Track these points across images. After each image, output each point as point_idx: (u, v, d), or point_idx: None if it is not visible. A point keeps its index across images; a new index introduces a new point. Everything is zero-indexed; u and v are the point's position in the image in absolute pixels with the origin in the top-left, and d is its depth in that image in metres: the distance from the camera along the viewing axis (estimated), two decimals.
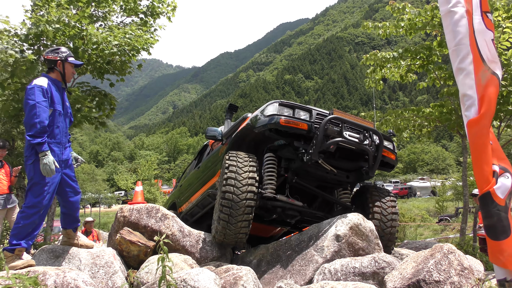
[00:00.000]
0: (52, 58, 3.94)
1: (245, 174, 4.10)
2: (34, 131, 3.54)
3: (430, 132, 9.27)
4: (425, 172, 65.87)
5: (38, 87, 3.67)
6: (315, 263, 3.88)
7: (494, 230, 2.20)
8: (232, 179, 4.06)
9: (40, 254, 3.88)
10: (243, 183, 4.06)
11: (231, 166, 4.13)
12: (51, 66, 3.96)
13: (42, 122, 3.57)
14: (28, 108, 3.59)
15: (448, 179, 33.41)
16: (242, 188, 4.04)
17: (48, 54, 3.97)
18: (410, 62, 8.64)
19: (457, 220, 23.36)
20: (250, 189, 4.07)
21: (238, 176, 4.07)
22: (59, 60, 3.94)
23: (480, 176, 2.26)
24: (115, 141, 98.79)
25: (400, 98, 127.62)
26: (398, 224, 4.68)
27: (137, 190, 8.98)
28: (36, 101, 3.60)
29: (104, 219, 35.31)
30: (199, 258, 4.46)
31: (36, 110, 3.57)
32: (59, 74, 3.96)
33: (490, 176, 2.24)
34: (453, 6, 2.44)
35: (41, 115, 3.58)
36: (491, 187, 2.22)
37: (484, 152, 2.24)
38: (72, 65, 4.03)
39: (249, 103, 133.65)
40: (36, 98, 3.61)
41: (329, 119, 4.10)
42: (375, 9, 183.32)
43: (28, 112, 3.59)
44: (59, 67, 3.95)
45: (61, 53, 3.98)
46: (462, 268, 3.18)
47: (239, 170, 4.10)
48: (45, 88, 3.71)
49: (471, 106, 2.31)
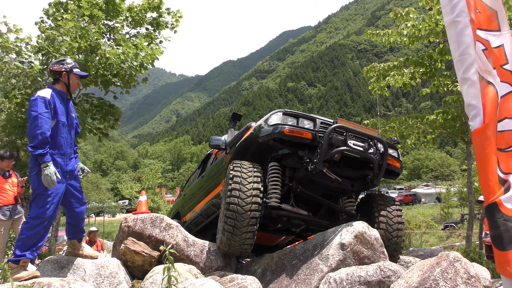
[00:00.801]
0: (57, 69, 3.98)
1: (250, 185, 4.10)
2: (36, 142, 3.56)
3: (434, 138, 9.24)
4: (430, 179, 65.51)
5: (41, 99, 3.69)
6: (320, 272, 3.85)
7: (501, 241, 2.18)
8: (236, 190, 4.06)
9: (45, 265, 3.88)
10: (248, 194, 4.05)
11: (236, 177, 4.13)
12: (56, 77, 3.99)
13: (43, 133, 3.58)
14: (31, 119, 3.62)
15: (453, 186, 33.23)
16: (246, 200, 4.03)
17: (53, 66, 4.01)
18: (413, 70, 8.65)
19: (463, 227, 23.20)
20: (255, 200, 4.06)
21: (242, 187, 4.07)
22: (64, 71, 3.98)
23: (486, 186, 2.24)
24: (119, 150, 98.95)
25: (403, 104, 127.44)
26: (404, 233, 4.65)
27: (141, 199, 8.97)
28: (39, 112, 3.62)
29: (108, 229, 35.30)
30: (203, 268, 4.45)
31: (38, 121, 3.59)
32: (64, 85, 3.99)
33: (496, 186, 2.22)
34: (457, 16, 2.44)
35: (43, 126, 3.59)
36: (497, 197, 2.20)
37: (489, 162, 2.23)
38: (77, 76, 4.07)
39: (252, 111, 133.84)
40: (39, 109, 3.63)
41: (333, 128, 4.10)
42: (378, 17, 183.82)
43: (31, 123, 3.61)
44: (64, 78, 3.98)
45: (66, 64, 4.01)
46: (469, 276, 3.16)
47: (243, 181, 4.09)
48: (48, 99, 3.73)
49: (476, 116, 2.30)
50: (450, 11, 2.49)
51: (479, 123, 2.27)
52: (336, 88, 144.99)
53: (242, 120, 6.96)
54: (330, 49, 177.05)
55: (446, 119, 8.39)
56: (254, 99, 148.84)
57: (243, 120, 78.90)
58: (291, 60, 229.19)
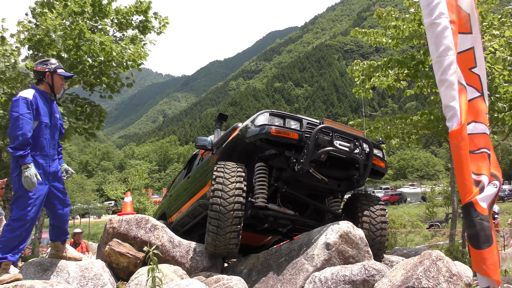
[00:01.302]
0: (40, 70, 3.93)
1: (232, 185, 4.12)
2: (17, 143, 3.51)
3: (418, 139, 9.36)
4: (415, 178, 66.29)
5: (23, 99, 3.65)
6: (306, 272, 3.88)
7: (477, 239, 2.22)
8: (219, 191, 4.09)
9: (28, 267, 3.83)
10: (230, 194, 4.08)
11: (218, 177, 4.16)
12: (39, 78, 3.94)
13: (24, 134, 3.53)
14: (12, 120, 3.58)
15: (438, 185, 33.66)
16: (229, 199, 4.06)
17: (37, 66, 3.96)
18: (398, 71, 8.74)
19: (447, 226, 23.51)
20: (237, 200, 4.08)
21: (224, 188, 4.09)
22: (47, 71, 3.93)
23: (462, 186, 2.28)
24: (105, 151, 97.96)
25: (389, 105, 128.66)
26: (388, 233, 4.72)
27: (126, 201, 8.91)
28: (20, 113, 3.57)
29: (94, 230, 34.97)
30: (189, 269, 4.44)
31: (19, 122, 3.54)
32: (47, 85, 3.94)
33: (472, 185, 2.27)
34: (436, 18, 2.49)
35: (24, 127, 3.54)
36: (473, 197, 2.25)
37: (466, 162, 2.27)
38: (61, 77, 4.02)
39: (239, 111, 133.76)
40: (20, 110, 3.58)
41: (319, 129, 4.13)
42: (363, 17, 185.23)
43: (12, 124, 3.57)
44: (48, 78, 3.93)
45: (50, 64, 3.96)
46: (451, 274, 3.21)
47: (225, 181, 4.12)
48: (30, 100, 3.68)
49: (453, 117, 2.34)
50: (429, 13, 2.54)
51: (456, 124, 2.32)
52: (322, 88, 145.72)
53: (229, 120, 6.96)
54: (317, 50, 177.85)
55: (430, 119, 8.50)
56: (241, 99, 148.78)
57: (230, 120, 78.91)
58: (278, 60, 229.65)
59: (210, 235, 4.15)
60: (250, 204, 4.35)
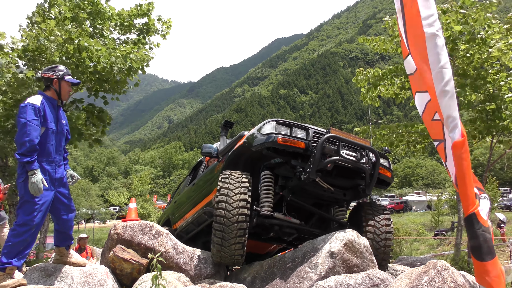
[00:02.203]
0: (48, 76, 3.96)
1: (236, 196, 4.10)
2: (24, 149, 3.54)
3: (424, 147, 9.32)
4: (421, 186, 65.89)
5: (30, 106, 3.67)
6: (310, 280, 3.86)
7: (480, 251, 2.21)
8: (223, 202, 4.08)
9: (32, 272, 3.84)
10: (234, 206, 4.07)
11: (223, 188, 4.15)
12: (47, 84, 3.97)
13: (31, 140, 3.56)
14: (20, 126, 3.60)
15: (444, 193, 33.44)
16: (233, 211, 4.05)
17: (45, 72, 3.99)
18: (404, 79, 8.74)
19: (453, 234, 23.32)
20: (242, 212, 4.07)
21: (229, 199, 4.09)
22: (55, 78, 3.96)
23: (465, 197, 2.27)
24: (110, 156, 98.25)
25: (394, 112, 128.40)
26: (392, 243, 4.66)
27: (130, 207, 8.94)
28: (27, 120, 3.60)
29: (98, 235, 34.99)
30: (193, 276, 4.43)
31: (27, 128, 3.57)
32: (54, 92, 3.97)
33: (474, 197, 2.26)
34: (439, 29, 2.49)
35: (31, 133, 3.57)
36: (475, 209, 2.23)
37: (468, 173, 2.26)
38: (68, 83, 4.04)
39: (244, 118, 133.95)
40: (28, 116, 3.61)
41: (326, 138, 4.11)
42: (369, 25, 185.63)
43: (19, 130, 3.60)
44: (55, 85, 3.96)
45: (58, 71, 3.99)
46: (456, 285, 3.18)
47: (230, 193, 4.11)
48: (37, 106, 3.71)
49: (455, 128, 2.33)
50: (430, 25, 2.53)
51: (459, 135, 2.31)
52: (328, 95, 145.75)
53: (234, 127, 6.97)
54: (322, 57, 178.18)
55: None
56: (246, 106, 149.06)
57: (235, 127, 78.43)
58: (284, 67, 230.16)
59: (215, 247, 4.15)
60: (256, 213, 4.34)
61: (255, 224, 4.35)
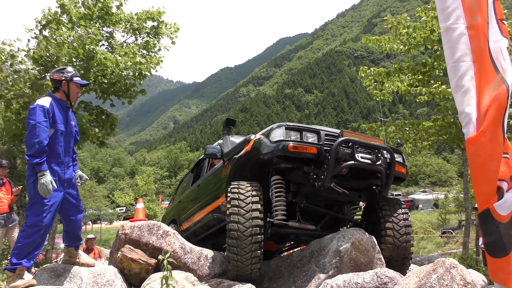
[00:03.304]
0: (57, 78, 4.00)
1: (248, 207, 3.94)
2: (33, 151, 3.57)
3: (430, 145, 9.28)
4: (427, 185, 65.57)
5: (40, 107, 3.71)
6: (317, 279, 3.86)
7: (493, 248, 2.18)
8: (235, 215, 3.93)
9: (41, 273, 3.87)
10: (247, 218, 3.90)
11: (233, 199, 4.01)
12: (56, 86, 4.02)
13: (41, 142, 3.60)
14: (29, 127, 3.64)
15: (451, 192, 33.25)
16: (246, 223, 3.88)
17: (53, 74, 4.04)
18: (411, 77, 8.70)
19: (460, 233, 23.21)
20: (255, 223, 3.91)
21: (240, 210, 3.93)
22: (64, 80, 3.99)
23: (479, 193, 2.24)
24: (116, 157, 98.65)
25: (400, 110, 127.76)
26: (413, 237, 4.45)
27: (138, 207, 8.98)
28: (37, 121, 3.64)
29: (106, 236, 35.16)
30: (201, 275, 4.44)
31: (36, 130, 3.61)
32: (63, 93, 4.01)
33: (491, 193, 2.22)
34: (453, 23, 2.45)
35: (41, 135, 3.61)
36: (490, 205, 2.21)
37: (483, 169, 2.22)
38: (77, 85, 4.09)
39: (249, 118, 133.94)
40: (37, 118, 3.65)
41: (339, 142, 3.97)
42: (374, 24, 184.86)
43: (29, 132, 3.64)
44: (64, 87, 4.00)
45: (67, 73, 4.04)
46: (465, 282, 3.17)
47: (240, 211, 3.93)
48: (46, 108, 3.75)
49: (469, 123, 2.30)
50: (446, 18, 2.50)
51: (473, 131, 2.27)
52: (333, 94, 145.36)
53: (239, 127, 6.91)
54: (327, 56, 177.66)
55: (442, 125, 8.43)
56: (251, 105, 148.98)
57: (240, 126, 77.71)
58: (288, 66, 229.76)
59: (231, 263, 4.00)
60: (270, 223, 4.18)
61: (269, 234, 4.20)
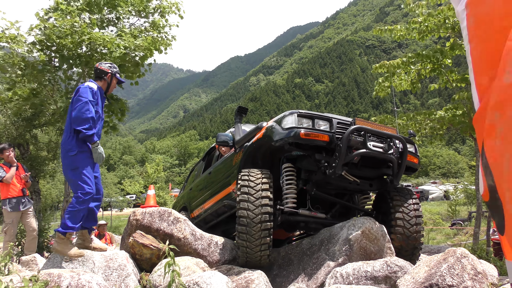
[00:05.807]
0: (104, 69, 4.35)
1: (258, 194, 3.96)
2: (88, 124, 3.91)
3: (442, 135, 9.20)
4: (437, 176, 65.20)
5: (90, 88, 4.09)
6: (327, 267, 3.88)
7: (503, 226, 2.15)
8: (245, 202, 3.96)
9: (55, 257, 3.94)
10: (256, 204, 3.92)
11: (243, 187, 4.04)
12: (101, 76, 4.34)
13: (93, 117, 4.00)
14: (81, 104, 3.96)
15: (461, 183, 32.99)
16: (255, 210, 3.91)
17: (101, 65, 4.39)
18: (420, 67, 8.59)
19: (470, 224, 23.08)
20: (265, 210, 3.93)
21: (250, 197, 3.95)
22: (110, 73, 4.35)
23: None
24: (126, 145, 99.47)
25: (411, 101, 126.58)
26: (423, 228, 4.46)
27: (149, 193, 9.05)
28: (88, 99, 3.99)
29: (116, 223, 35.53)
30: (211, 262, 4.48)
31: (89, 106, 3.98)
32: (105, 84, 4.36)
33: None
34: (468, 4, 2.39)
35: (92, 111, 4.00)
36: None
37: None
38: (117, 80, 4.46)
39: (259, 107, 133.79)
40: (88, 96, 4.01)
41: (352, 130, 3.95)
42: (386, 12, 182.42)
43: (81, 108, 3.95)
44: (108, 78, 4.35)
45: (113, 68, 4.42)
46: (476, 272, 3.16)
47: (250, 198, 3.96)
48: (95, 90, 4.14)
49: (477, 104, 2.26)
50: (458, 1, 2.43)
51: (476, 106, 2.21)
52: (343, 84, 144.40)
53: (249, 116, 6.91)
54: (338, 45, 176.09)
55: (455, 115, 8.34)
56: (261, 95, 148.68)
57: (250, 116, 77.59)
58: (299, 56, 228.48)
59: (241, 249, 4.05)
60: (280, 211, 4.20)
61: (279, 222, 4.22)
